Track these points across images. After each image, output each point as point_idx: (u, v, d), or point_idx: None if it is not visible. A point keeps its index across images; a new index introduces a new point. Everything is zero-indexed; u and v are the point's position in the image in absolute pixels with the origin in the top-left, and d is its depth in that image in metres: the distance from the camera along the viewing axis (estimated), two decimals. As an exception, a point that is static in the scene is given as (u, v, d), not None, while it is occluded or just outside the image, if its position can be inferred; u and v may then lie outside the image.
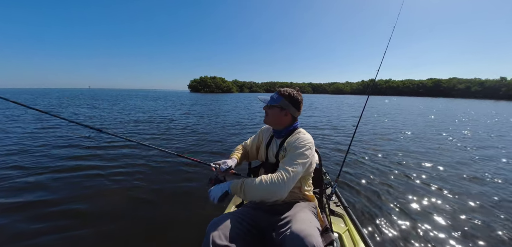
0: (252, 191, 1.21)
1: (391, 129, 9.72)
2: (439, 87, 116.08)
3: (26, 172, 3.77)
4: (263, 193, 1.18)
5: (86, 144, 5.60)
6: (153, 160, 4.50)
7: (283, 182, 1.17)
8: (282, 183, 1.17)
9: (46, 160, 4.43)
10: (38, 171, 3.85)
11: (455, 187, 3.62)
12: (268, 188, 1.17)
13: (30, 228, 2.37)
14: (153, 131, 8.03)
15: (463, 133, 8.89)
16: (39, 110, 1.54)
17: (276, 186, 1.16)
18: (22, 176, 3.60)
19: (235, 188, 1.27)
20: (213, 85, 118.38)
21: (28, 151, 4.98)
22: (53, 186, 3.34)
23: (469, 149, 6.18)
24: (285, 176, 1.19)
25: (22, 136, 6.51)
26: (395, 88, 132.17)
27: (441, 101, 49.08)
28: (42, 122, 8.56)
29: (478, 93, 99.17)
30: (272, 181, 1.17)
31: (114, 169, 4.04)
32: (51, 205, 2.83)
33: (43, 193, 3.11)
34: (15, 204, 2.81)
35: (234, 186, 1.28)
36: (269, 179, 1.18)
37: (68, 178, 3.63)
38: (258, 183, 1.19)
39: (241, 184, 1.25)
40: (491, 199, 3.25)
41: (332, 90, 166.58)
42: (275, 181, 1.17)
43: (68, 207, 2.79)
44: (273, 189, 1.16)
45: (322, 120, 11.90)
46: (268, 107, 1.51)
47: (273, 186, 1.16)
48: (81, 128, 7.89)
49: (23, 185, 3.33)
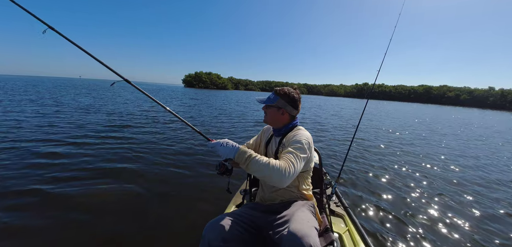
0: (257, 166, 1.15)
1: (391, 131, 9.88)
2: (430, 94, 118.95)
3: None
4: (266, 173, 1.13)
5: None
6: (150, 160, 4.33)
7: (287, 173, 1.14)
8: (286, 174, 1.13)
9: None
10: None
11: (456, 187, 3.71)
12: (272, 172, 1.12)
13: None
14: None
15: (458, 138, 9.15)
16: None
17: (280, 174, 1.12)
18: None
19: (241, 156, 1.20)
20: (208, 81, 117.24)
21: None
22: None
23: (470, 153, 6.36)
24: (290, 169, 1.16)
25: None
26: (387, 93, 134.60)
27: (432, 108, 50.32)
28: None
29: (467, 101, 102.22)
30: (278, 167, 1.13)
31: (113, 168, 3.87)
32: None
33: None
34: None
35: (241, 153, 1.20)
36: (277, 165, 1.14)
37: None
38: (265, 163, 1.14)
39: (248, 155, 1.19)
40: (492, 199, 3.35)
41: (327, 92, 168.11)
42: (282, 170, 1.13)
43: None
44: (277, 176, 1.12)
45: (323, 121, 11.99)
46: (266, 107, 1.51)
47: (278, 173, 1.12)
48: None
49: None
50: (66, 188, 3.04)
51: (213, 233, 1.15)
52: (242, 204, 1.77)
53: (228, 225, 1.20)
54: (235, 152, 1.21)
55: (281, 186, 1.17)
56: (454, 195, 3.52)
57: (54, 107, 10.49)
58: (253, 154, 1.20)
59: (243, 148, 1.22)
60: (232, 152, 1.22)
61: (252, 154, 1.20)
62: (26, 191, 2.90)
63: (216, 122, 9.93)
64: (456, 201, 3.30)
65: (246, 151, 1.21)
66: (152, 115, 10.04)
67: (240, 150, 1.21)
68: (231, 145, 1.24)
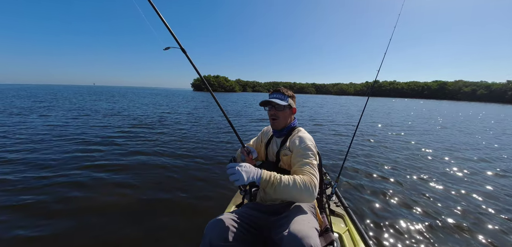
0: (285, 190, 1.16)
1: (392, 130, 9.65)
2: (444, 90, 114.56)
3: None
4: (296, 195, 1.17)
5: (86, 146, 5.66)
6: (150, 162, 4.39)
7: (314, 187, 1.17)
8: (313, 189, 1.17)
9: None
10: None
11: (455, 188, 3.60)
12: (301, 192, 1.16)
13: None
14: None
15: (463, 134, 8.80)
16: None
17: (309, 192, 1.16)
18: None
19: (264, 182, 1.18)
20: (216, 85, 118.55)
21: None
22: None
23: (473, 151, 6.12)
24: (315, 181, 1.19)
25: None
26: (399, 90, 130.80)
27: (445, 104, 48.44)
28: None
29: (484, 96, 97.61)
30: (305, 185, 1.16)
31: (113, 169, 3.98)
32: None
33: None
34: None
35: (264, 179, 1.18)
36: (302, 182, 1.17)
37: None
38: (292, 184, 1.16)
39: (273, 180, 1.18)
40: (494, 201, 3.22)
41: (336, 91, 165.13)
42: (309, 186, 1.17)
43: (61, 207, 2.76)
44: (306, 194, 1.16)
45: (323, 121, 11.85)
46: (275, 110, 1.49)
47: (307, 191, 1.16)
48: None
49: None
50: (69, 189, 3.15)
51: (214, 232, 1.16)
52: (242, 204, 1.80)
53: (229, 224, 1.21)
54: (259, 179, 1.19)
55: (311, 201, 1.21)
56: (455, 195, 3.42)
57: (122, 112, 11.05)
58: (276, 176, 1.19)
59: (265, 173, 1.20)
60: (256, 178, 1.19)
61: (276, 177, 1.19)
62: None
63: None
64: (457, 201, 3.21)
65: (269, 175, 1.19)
66: (158, 117, 10.25)
67: (263, 176, 1.19)
68: (254, 172, 1.19)
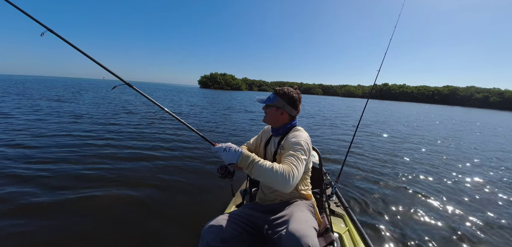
0: (260, 171, 1.13)
1: (393, 131, 9.55)
2: (456, 95, 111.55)
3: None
4: (270, 179, 1.12)
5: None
6: (147, 160, 4.28)
7: (291, 177, 1.12)
8: (290, 179, 1.11)
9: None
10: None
11: (456, 188, 3.57)
12: (276, 177, 1.11)
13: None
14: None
15: (463, 139, 8.57)
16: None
17: (284, 180, 1.10)
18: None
19: (244, 160, 1.17)
20: (223, 82, 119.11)
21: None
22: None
23: (474, 155, 5.99)
24: (294, 172, 1.14)
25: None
26: (409, 94, 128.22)
27: (455, 109, 47.20)
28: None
29: (497, 104, 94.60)
30: (282, 172, 1.11)
31: (113, 170, 3.76)
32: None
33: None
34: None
35: (244, 158, 1.17)
36: (280, 169, 1.12)
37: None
38: (269, 167, 1.12)
39: (251, 160, 1.17)
40: (495, 202, 3.18)
41: (343, 93, 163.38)
42: (285, 175, 1.11)
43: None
44: (281, 181, 1.10)
45: (323, 121, 11.77)
46: (266, 107, 1.53)
47: (282, 178, 1.10)
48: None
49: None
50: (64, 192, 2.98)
51: (211, 234, 1.15)
52: (242, 204, 1.82)
53: (227, 225, 1.20)
54: (238, 157, 1.17)
55: (286, 191, 1.14)
56: (454, 195, 3.39)
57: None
58: (256, 158, 1.17)
59: (246, 152, 1.19)
60: (235, 156, 1.18)
61: (255, 158, 1.17)
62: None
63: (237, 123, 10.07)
64: (457, 201, 3.19)
65: (249, 156, 1.18)
66: (151, 117, 9.48)
67: (243, 154, 1.17)
68: (234, 150, 1.20)
